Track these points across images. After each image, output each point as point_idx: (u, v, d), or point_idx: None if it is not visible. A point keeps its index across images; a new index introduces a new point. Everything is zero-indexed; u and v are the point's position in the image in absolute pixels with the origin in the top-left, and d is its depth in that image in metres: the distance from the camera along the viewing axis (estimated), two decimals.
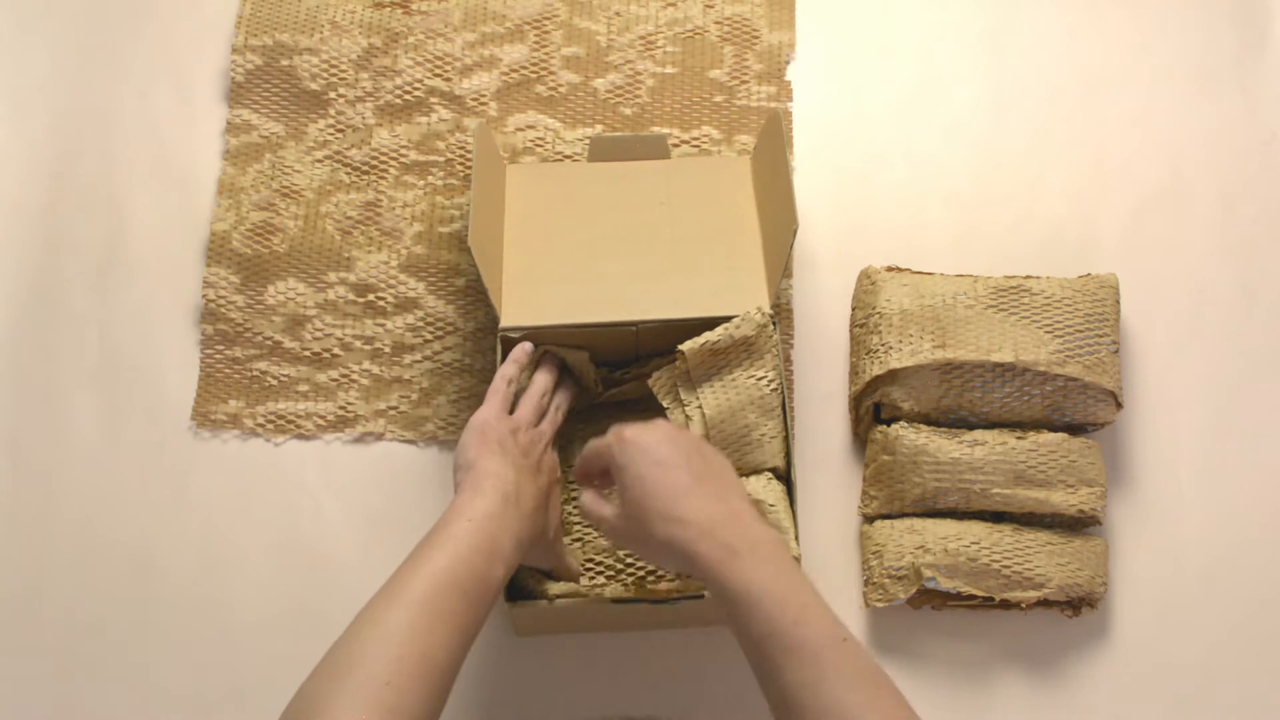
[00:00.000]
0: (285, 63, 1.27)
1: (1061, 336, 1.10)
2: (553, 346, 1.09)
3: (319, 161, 1.24)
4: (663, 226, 1.16)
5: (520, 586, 1.02)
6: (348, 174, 1.24)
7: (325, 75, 1.26)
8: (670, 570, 0.98)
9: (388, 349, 1.19)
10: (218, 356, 1.19)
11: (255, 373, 1.18)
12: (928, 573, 1.06)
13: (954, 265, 1.22)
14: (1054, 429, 1.11)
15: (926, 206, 1.25)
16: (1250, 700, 1.11)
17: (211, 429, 1.18)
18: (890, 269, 1.17)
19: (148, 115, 1.28)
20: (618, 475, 0.91)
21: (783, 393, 1.08)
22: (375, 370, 1.18)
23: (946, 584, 1.05)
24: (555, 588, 1.02)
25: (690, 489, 0.88)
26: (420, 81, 1.26)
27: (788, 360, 1.19)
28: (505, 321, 1.08)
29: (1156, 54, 1.31)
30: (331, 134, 1.25)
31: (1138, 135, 1.28)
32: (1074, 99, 1.29)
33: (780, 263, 1.08)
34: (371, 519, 1.15)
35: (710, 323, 1.08)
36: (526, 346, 1.06)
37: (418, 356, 1.19)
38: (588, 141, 1.23)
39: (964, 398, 1.11)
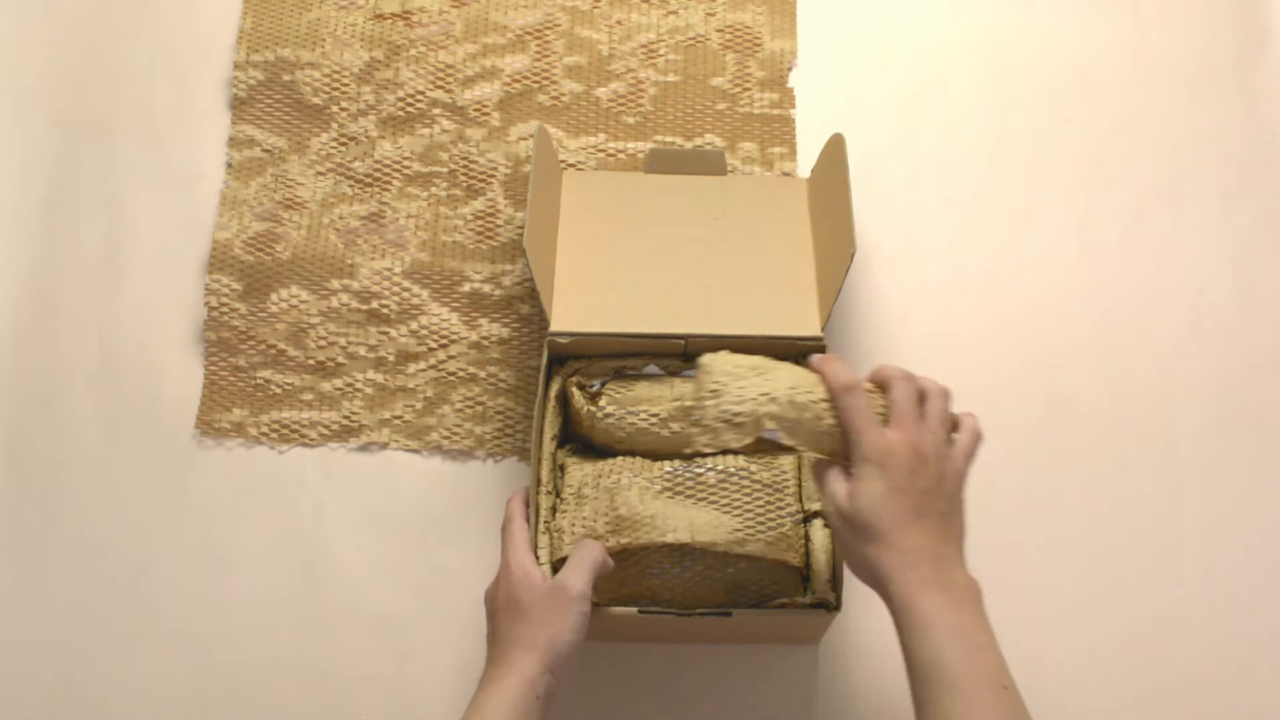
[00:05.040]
0: (287, 77, 1.28)
1: (739, 515, 1.04)
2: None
3: (322, 174, 1.25)
4: (716, 241, 1.15)
5: None
6: (351, 186, 1.25)
7: (328, 89, 1.27)
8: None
9: (391, 357, 1.20)
10: (221, 364, 1.20)
11: (259, 381, 1.19)
12: (770, 424, 0.92)
13: (954, 265, 1.23)
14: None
15: (927, 206, 1.26)
16: (1252, 700, 1.12)
17: (215, 437, 1.18)
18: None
19: (147, 115, 1.28)
20: (856, 470, 0.89)
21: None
22: (379, 379, 1.19)
23: (787, 440, 0.94)
24: None
25: (910, 521, 0.88)
26: (422, 93, 1.27)
27: None
28: (555, 326, 1.08)
29: (1156, 54, 1.31)
30: (334, 147, 1.26)
31: (1137, 135, 1.28)
32: (1074, 99, 1.29)
33: (835, 285, 1.07)
34: (375, 527, 1.16)
35: (761, 342, 1.07)
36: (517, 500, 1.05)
37: (422, 365, 1.19)
38: (592, 150, 1.24)
39: (643, 585, 1.04)
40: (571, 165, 1.25)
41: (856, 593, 1.11)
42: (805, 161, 1.26)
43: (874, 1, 1.33)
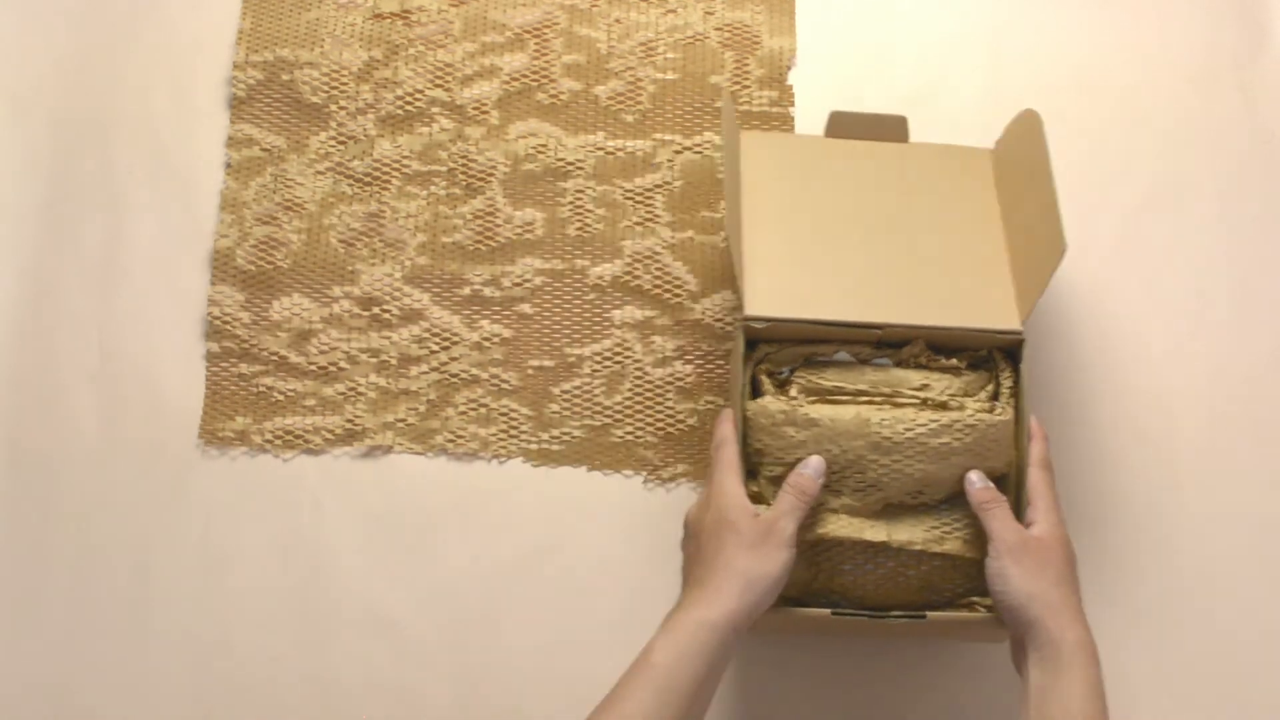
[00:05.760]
0: (286, 77, 1.27)
1: (935, 511, 1.04)
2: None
3: (321, 174, 1.25)
4: (904, 217, 1.13)
5: None
6: (350, 185, 1.25)
7: (326, 88, 1.27)
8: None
9: (394, 361, 1.20)
10: (224, 373, 1.20)
11: (261, 388, 1.19)
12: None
13: None
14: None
15: None
16: (1252, 701, 1.12)
17: (219, 446, 1.18)
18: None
19: (147, 115, 1.28)
20: (1036, 535, 1.00)
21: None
22: (382, 383, 1.19)
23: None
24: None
25: (1053, 586, 0.97)
26: (421, 92, 1.27)
27: None
28: (749, 310, 1.05)
29: (1156, 54, 1.31)
30: (333, 146, 1.26)
31: (1137, 135, 1.28)
32: (1074, 99, 1.29)
33: (1040, 283, 1.04)
34: (376, 528, 1.16)
35: (959, 334, 1.07)
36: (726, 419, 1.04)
37: (424, 368, 1.20)
38: (590, 149, 1.24)
39: (834, 581, 1.04)
40: (572, 164, 1.24)
41: None
42: None
43: (876, 19, 1.32)
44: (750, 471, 1.05)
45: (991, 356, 1.08)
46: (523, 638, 1.14)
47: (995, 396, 1.07)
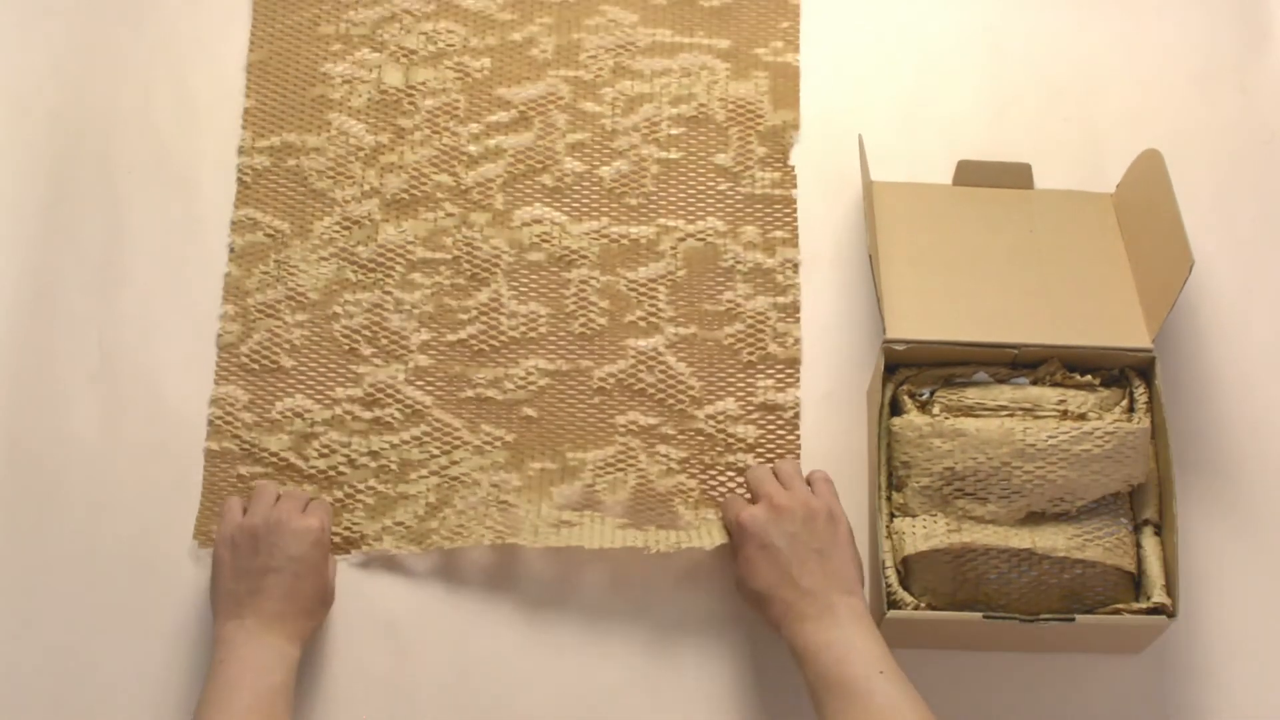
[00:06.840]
0: (292, 163, 1.28)
1: (1076, 520, 1.08)
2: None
3: (325, 259, 1.25)
4: (1032, 252, 1.19)
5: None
6: (354, 272, 1.25)
7: (332, 173, 1.27)
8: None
9: (394, 465, 1.19)
10: (222, 474, 1.19)
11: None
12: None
13: None
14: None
15: None
16: None
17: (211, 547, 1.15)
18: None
19: (148, 115, 1.29)
20: (737, 547, 1.07)
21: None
22: (381, 489, 1.19)
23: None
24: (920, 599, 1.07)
25: (784, 577, 1.02)
26: (426, 176, 1.28)
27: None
28: (890, 333, 1.12)
29: (1156, 54, 1.32)
30: (337, 231, 1.26)
31: (1138, 135, 1.27)
32: (1074, 99, 1.30)
33: (1168, 299, 1.09)
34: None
35: (1091, 352, 1.12)
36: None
37: (424, 472, 1.19)
38: (595, 236, 1.27)
39: (980, 589, 1.07)
40: (575, 252, 1.26)
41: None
42: (802, 156, 1.30)
43: (877, 20, 1.35)
44: (896, 485, 1.10)
45: (1124, 374, 1.12)
46: (522, 638, 1.14)
47: (1130, 410, 1.10)
